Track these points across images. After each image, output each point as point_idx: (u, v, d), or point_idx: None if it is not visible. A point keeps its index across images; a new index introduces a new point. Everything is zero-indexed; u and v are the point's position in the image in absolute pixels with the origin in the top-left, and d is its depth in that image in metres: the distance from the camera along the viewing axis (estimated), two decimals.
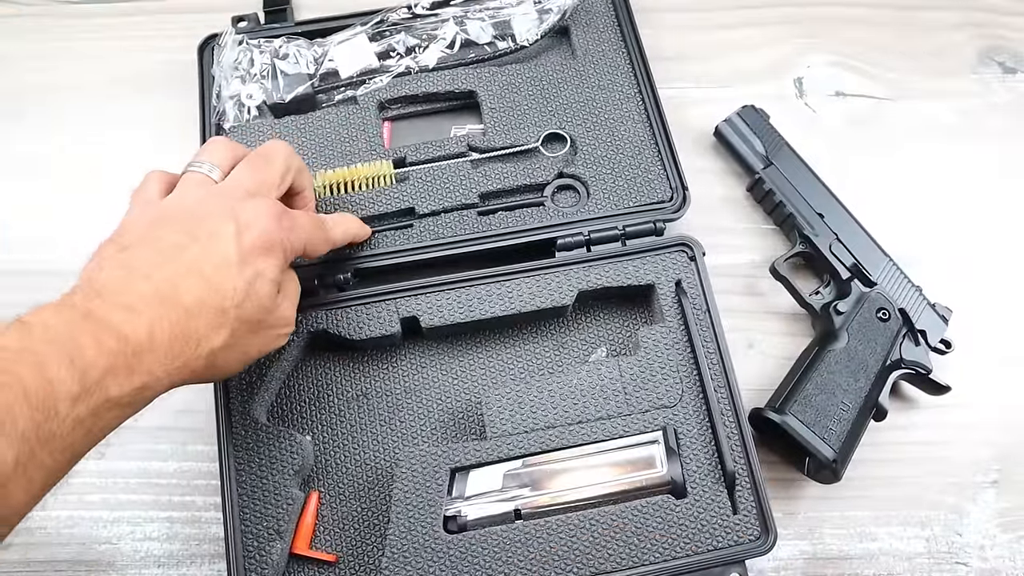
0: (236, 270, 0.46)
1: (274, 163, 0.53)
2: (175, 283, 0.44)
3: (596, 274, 0.62)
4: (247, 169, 0.52)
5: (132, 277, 0.44)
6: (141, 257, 0.46)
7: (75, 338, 0.40)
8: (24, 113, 0.75)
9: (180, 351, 0.44)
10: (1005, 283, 0.69)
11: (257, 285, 0.47)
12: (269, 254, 0.48)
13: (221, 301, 0.46)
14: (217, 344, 0.46)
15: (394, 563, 0.54)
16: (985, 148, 0.74)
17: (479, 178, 0.66)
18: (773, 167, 0.69)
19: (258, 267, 0.47)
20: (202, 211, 0.48)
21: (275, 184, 0.52)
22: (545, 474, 0.56)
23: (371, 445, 0.61)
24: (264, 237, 0.48)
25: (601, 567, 0.54)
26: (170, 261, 0.45)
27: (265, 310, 0.48)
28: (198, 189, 0.50)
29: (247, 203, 0.49)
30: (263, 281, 0.48)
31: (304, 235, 0.52)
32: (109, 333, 0.41)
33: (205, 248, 0.46)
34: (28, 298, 0.67)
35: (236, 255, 0.46)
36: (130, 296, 0.43)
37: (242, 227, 0.47)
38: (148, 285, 0.44)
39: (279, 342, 0.52)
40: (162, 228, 0.47)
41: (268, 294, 0.48)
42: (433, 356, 0.64)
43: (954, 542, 0.61)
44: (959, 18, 0.79)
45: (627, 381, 0.59)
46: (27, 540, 0.61)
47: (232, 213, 0.48)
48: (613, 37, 0.71)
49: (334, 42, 0.70)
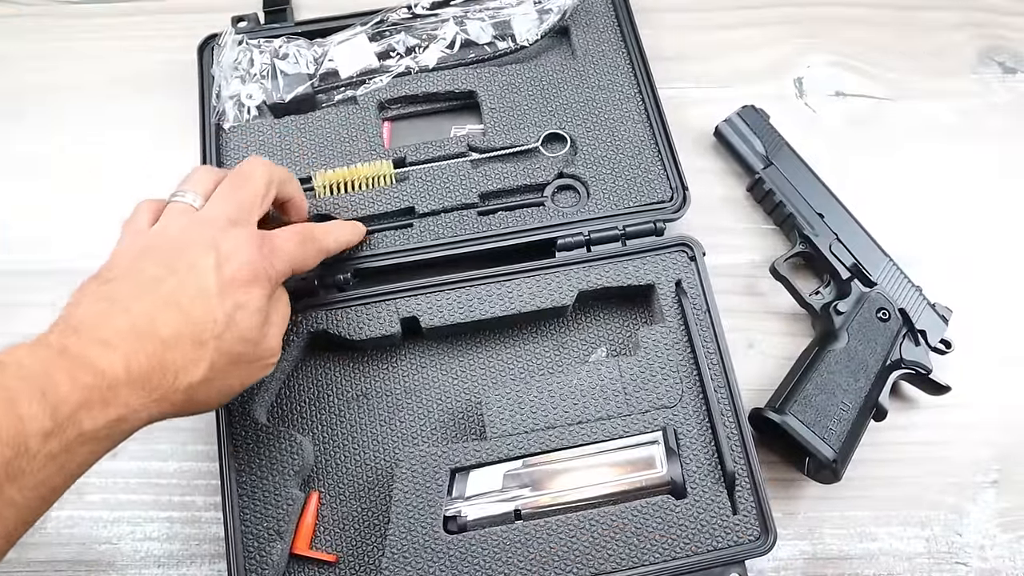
0: (216, 302, 0.46)
1: (252, 181, 0.52)
2: (152, 316, 0.44)
3: (596, 274, 0.62)
4: (225, 192, 0.51)
5: (111, 311, 0.44)
6: (120, 290, 0.46)
7: (49, 374, 0.40)
8: (24, 113, 0.75)
9: (158, 383, 0.44)
10: (1005, 283, 0.69)
11: (238, 317, 0.47)
12: (251, 285, 0.48)
13: (199, 333, 0.45)
14: (196, 377, 0.45)
15: (394, 563, 0.54)
16: (985, 148, 0.74)
17: (479, 178, 0.66)
18: (773, 167, 0.69)
19: (239, 299, 0.47)
20: (182, 242, 0.48)
21: (256, 203, 0.52)
22: (545, 474, 0.56)
23: (371, 445, 0.61)
24: (246, 268, 0.47)
25: (601, 567, 0.54)
26: (148, 293, 0.45)
27: (248, 342, 0.48)
28: (180, 218, 0.50)
29: (228, 233, 0.48)
30: (245, 313, 0.47)
31: (288, 257, 0.51)
32: (84, 368, 0.41)
33: (183, 280, 0.46)
34: (28, 298, 0.68)
35: (216, 287, 0.46)
36: (106, 330, 0.43)
37: (222, 258, 0.47)
38: (125, 319, 0.44)
39: (263, 373, 0.51)
40: (144, 260, 0.47)
41: (252, 326, 0.47)
42: (433, 356, 0.64)
43: (954, 542, 0.61)
44: (959, 18, 0.79)
45: (627, 381, 0.59)
46: (27, 540, 0.60)
47: (212, 243, 0.47)
48: (613, 37, 0.71)
49: (334, 42, 0.70)
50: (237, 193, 0.51)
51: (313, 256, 0.54)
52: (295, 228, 0.54)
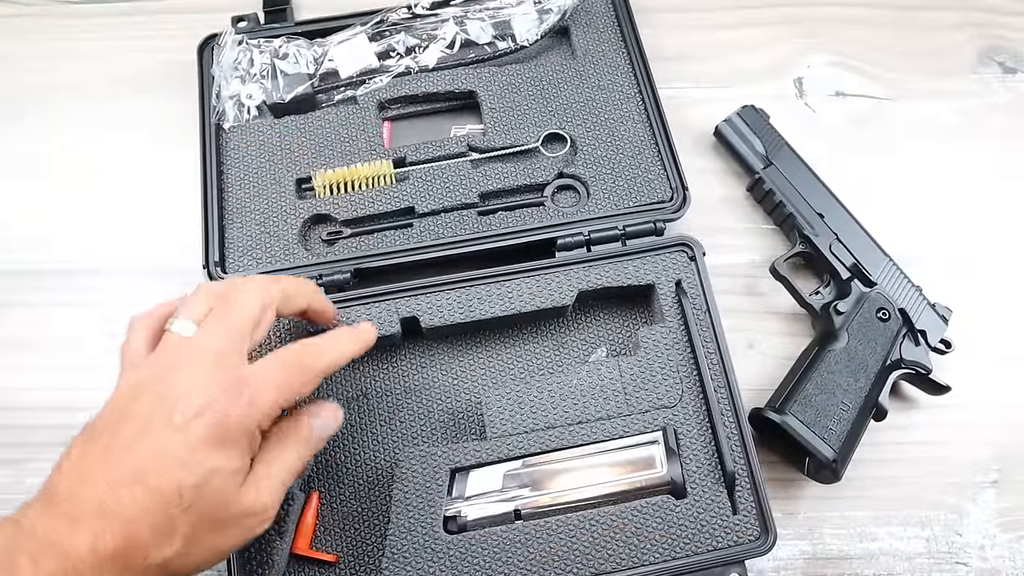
0: (184, 472, 0.43)
1: (240, 307, 0.48)
2: (119, 493, 0.42)
3: (596, 274, 0.62)
4: (213, 323, 0.48)
5: (82, 484, 0.42)
6: (94, 457, 0.43)
7: (12, 559, 0.40)
8: (24, 113, 0.75)
9: (128, 562, 0.42)
10: (1005, 283, 0.69)
11: (212, 483, 0.43)
12: (225, 445, 0.44)
13: (166, 507, 0.42)
14: (169, 553, 0.43)
15: (394, 563, 0.54)
16: (985, 148, 0.74)
17: (479, 178, 0.66)
18: (773, 167, 0.69)
19: (211, 463, 0.43)
20: (158, 398, 0.45)
21: (245, 332, 0.48)
22: (545, 474, 0.56)
23: (371, 445, 0.61)
24: (216, 428, 0.44)
25: (601, 567, 0.54)
26: (118, 464, 0.43)
27: (226, 506, 0.44)
28: (168, 357, 0.47)
29: (198, 381, 0.45)
30: (220, 477, 0.44)
31: (272, 400, 0.46)
32: (49, 553, 0.40)
33: (151, 450, 0.43)
34: (27, 298, 0.68)
35: (183, 452, 0.43)
36: (77, 505, 0.42)
37: (189, 419, 0.43)
38: (94, 494, 0.42)
39: (256, 531, 0.47)
40: (123, 419, 0.45)
41: (226, 490, 0.44)
42: (433, 356, 0.64)
43: (954, 542, 0.61)
44: (959, 18, 0.79)
45: (627, 381, 0.59)
46: None
47: (180, 402, 0.44)
48: (613, 37, 0.71)
49: (334, 42, 0.70)
50: (225, 322, 0.48)
51: (306, 385, 0.49)
52: (280, 360, 0.48)
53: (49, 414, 0.64)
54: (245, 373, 0.46)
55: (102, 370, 0.65)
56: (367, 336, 0.55)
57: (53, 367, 0.66)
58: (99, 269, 0.69)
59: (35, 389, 0.65)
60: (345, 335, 0.54)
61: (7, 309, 0.68)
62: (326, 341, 0.52)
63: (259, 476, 0.46)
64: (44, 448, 0.63)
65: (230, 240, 0.64)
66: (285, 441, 0.49)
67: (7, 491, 0.62)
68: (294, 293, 0.52)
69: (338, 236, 0.65)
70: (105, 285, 0.68)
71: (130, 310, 0.67)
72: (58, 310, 0.68)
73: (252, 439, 0.46)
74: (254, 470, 0.46)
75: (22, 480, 0.63)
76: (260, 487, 0.46)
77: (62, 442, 0.63)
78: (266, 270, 0.63)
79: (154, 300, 0.67)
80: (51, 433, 0.63)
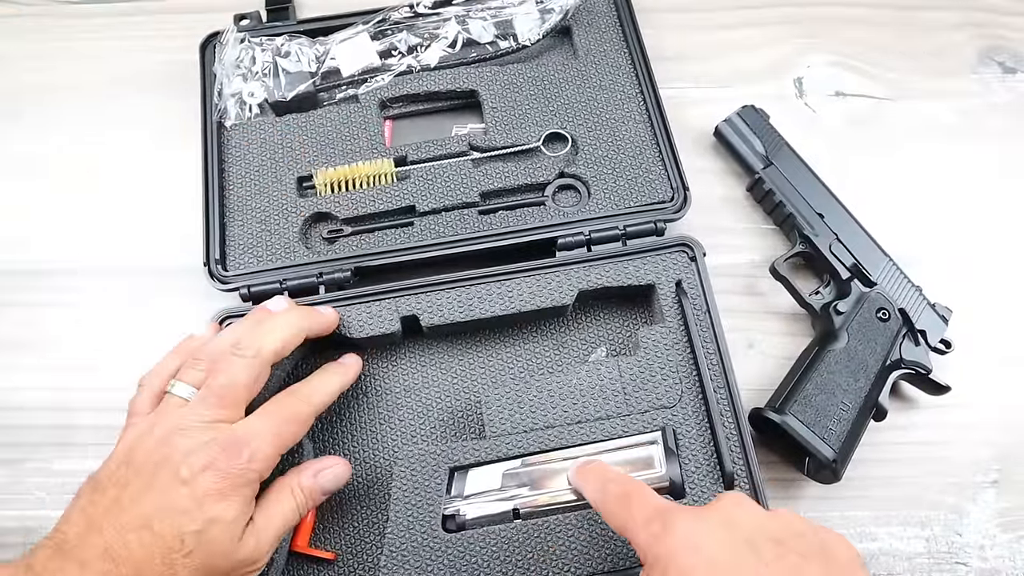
0: (186, 520, 0.46)
1: (233, 370, 0.51)
2: (126, 538, 0.45)
3: (596, 274, 0.62)
4: (207, 392, 0.51)
5: (90, 530, 0.45)
6: (102, 505, 0.47)
7: None
8: (23, 113, 0.75)
9: None
10: (1005, 283, 0.69)
11: (213, 532, 0.46)
12: (225, 496, 0.47)
13: (168, 553, 0.45)
14: None
15: (393, 561, 0.54)
16: (985, 148, 0.74)
17: (480, 177, 0.66)
18: (773, 167, 0.69)
19: (213, 512, 0.46)
20: (162, 453, 0.48)
21: (240, 394, 0.51)
22: (544, 474, 0.56)
23: (370, 444, 0.61)
24: (219, 483, 0.47)
25: (599, 567, 0.54)
26: (124, 512, 0.46)
27: (224, 555, 0.47)
28: (170, 417, 0.50)
29: (201, 442, 0.48)
30: (220, 527, 0.47)
31: (270, 452, 0.50)
32: None
33: (157, 499, 0.46)
34: (26, 298, 0.68)
35: (188, 504, 0.46)
36: (86, 550, 0.44)
37: (195, 474, 0.47)
38: (101, 540, 0.45)
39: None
40: (128, 470, 0.48)
41: (228, 538, 0.47)
42: (433, 355, 0.64)
43: (954, 542, 0.61)
44: (959, 18, 0.79)
45: (627, 381, 0.59)
46: (27, 540, 0.61)
47: (187, 459, 0.47)
48: (615, 37, 0.71)
49: (336, 40, 0.70)
50: (218, 394, 0.51)
51: (300, 431, 0.53)
52: (274, 417, 0.51)
53: (46, 414, 0.64)
54: (242, 433, 0.49)
55: (99, 371, 0.66)
56: (353, 369, 0.59)
57: (50, 367, 0.66)
58: (99, 268, 0.69)
59: (32, 389, 0.65)
60: (332, 374, 0.57)
61: (5, 309, 0.68)
62: (314, 385, 0.56)
63: (259, 527, 0.49)
64: (41, 448, 0.64)
65: (231, 238, 0.64)
66: (286, 495, 0.52)
67: (5, 491, 0.62)
68: (292, 342, 0.55)
69: (339, 234, 0.65)
70: (105, 285, 0.68)
71: (130, 310, 0.68)
72: (57, 310, 0.68)
73: (252, 489, 0.49)
74: (255, 521, 0.49)
75: (21, 480, 0.63)
76: (260, 538, 0.49)
77: (58, 442, 0.64)
78: (266, 268, 0.63)
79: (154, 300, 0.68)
80: (48, 433, 0.64)
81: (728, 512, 0.42)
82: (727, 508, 0.43)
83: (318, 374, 0.57)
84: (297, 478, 0.53)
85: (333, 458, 0.55)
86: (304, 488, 0.52)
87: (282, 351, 0.54)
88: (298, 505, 0.52)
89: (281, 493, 0.52)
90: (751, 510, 0.43)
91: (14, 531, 0.61)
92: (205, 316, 0.61)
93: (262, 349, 0.53)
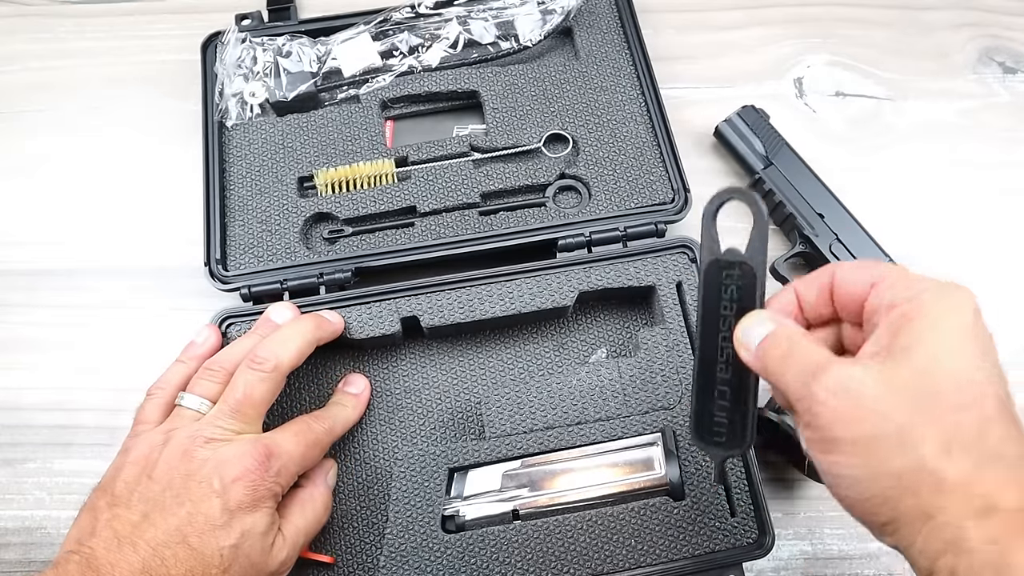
0: (222, 533, 0.46)
1: (252, 392, 0.52)
2: (162, 555, 0.45)
3: (597, 275, 0.62)
4: (225, 405, 0.51)
5: (122, 545, 0.45)
6: (129, 520, 0.46)
7: None
8: (22, 113, 0.75)
9: None
10: (1005, 283, 0.69)
11: (246, 545, 0.47)
12: (256, 508, 0.48)
13: (207, 569, 0.45)
14: None
15: (392, 562, 0.54)
16: (985, 148, 0.74)
17: (481, 178, 0.66)
18: (773, 167, 0.69)
19: (245, 525, 0.47)
20: (189, 466, 0.48)
21: (259, 411, 0.52)
22: (544, 475, 0.56)
23: (370, 444, 0.61)
24: (250, 492, 0.48)
25: (598, 568, 0.54)
26: (156, 527, 0.46)
27: (257, 565, 0.48)
28: (186, 428, 0.50)
29: (232, 453, 0.48)
30: (252, 538, 0.47)
31: (295, 469, 0.52)
32: None
33: (191, 513, 0.46)
34: (26, 297, 0.68)
35: (222, 518, 0.46)
36: (119, 568, 0.44)
37: (227, 485, 0.47)
38: (136, 556, 0.44)
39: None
40: (153, 484, 0.48)
41: (260, 550, 0.48)
42: (433, 356, 0.64)
43: None
44: (959, 18, 0.79)
45: (627, 383, 0.59)
46: (27, 540, 0.61)
47: (217, 470, 0.48)
48: (616, 38, 0.71)
49: (337, 40, 0.70)
50: (236, 399, 0.51)
51: (317, 458, 0.55)
52: (302, 439, 0.53)
53: (47, 414, 0.65)
54: (273, 447, 0.50)
55: (100, 371, 0.66)
56: (366, 399, 0.61)
57: (51, 367, 0.66)
58: (99, 268, 0.69)
59: (33, 389, 0.66)
60: (352, 409, 0.59)
61: (6, 308, 0.68)
62: (337, 417, 0.58)
63: (287, 538, 0.50)
64: (42, 448, 0.64)
65: (231, 238, 0.64)
66: (309, 505, 0.53)
67: (5, 491, 0.63)
68: (306, 352, 0.55)
69: (339, 235, 0.65)
70: (105, 284, 0.69)
71: (130, 310, 0.68)
72: (57, 310, 0.68)
73: (276, 502, 0.50)
74: (284, 530, 0.50)
75: (21, 480, 0.63)
76: (287, 549, 0.50)
77: (59, 442, 0.64)
78: (267, 268, 0.63)
79: (155, 300, 0.68)
80: (49, 433, 0.64)
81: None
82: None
83: (339, 406, 0.59)
84: (312, 489, 0.54)
85: (327, 460, 0.58)
86: (320, 496, 0.54)
87: (297, 362, 0.54)
88: (320, 516, 0.54)
89: (304, 504, 0.53)
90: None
91: (14, 531, 0.61)
92: (206, 316, 0.61)
93: (280, 363, 0.53)
